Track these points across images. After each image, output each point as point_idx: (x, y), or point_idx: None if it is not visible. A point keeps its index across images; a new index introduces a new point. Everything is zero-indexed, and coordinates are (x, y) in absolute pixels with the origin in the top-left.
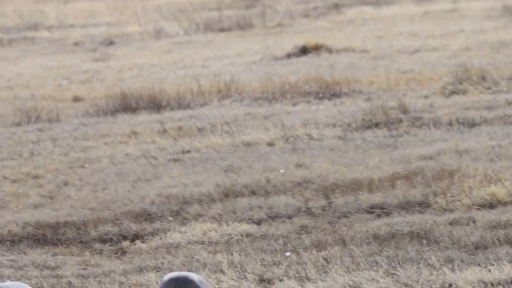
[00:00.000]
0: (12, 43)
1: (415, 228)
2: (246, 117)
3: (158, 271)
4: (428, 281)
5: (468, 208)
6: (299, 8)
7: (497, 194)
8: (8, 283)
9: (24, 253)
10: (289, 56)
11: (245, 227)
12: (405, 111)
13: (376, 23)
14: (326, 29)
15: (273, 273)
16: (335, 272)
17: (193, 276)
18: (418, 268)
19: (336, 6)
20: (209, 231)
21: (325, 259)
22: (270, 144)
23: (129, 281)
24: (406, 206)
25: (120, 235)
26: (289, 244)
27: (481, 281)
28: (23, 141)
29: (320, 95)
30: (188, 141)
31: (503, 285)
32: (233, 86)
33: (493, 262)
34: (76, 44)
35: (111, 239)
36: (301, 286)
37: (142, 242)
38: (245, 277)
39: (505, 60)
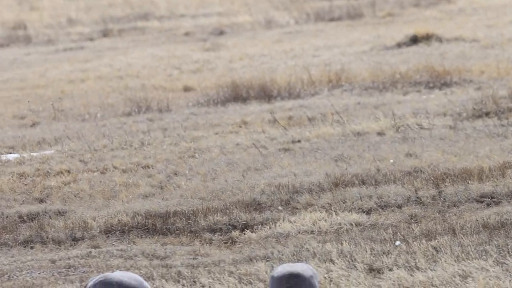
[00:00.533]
0: (122, 33)
1: None
2: (356, 107)
3: (267, 261)
4: None
5: None
6: None
7: None
8: (117, 272)
9: (134, 242)
10: (399, 45)
11: (355, 216)
12: None
13: (486, 12)
14: (436, 19)
15: (382, 263)
16: (445, 261)
17: (305, 271)
18: None
19: None
20: (319, 220)
21: (435, 248)
22: (380, 133)
23: (239, 271)
24: None
25: (229, 224)
26: (398, 234)
27: None
28: (134, 131)
29: (431, 85)
30: (298, 130)
31: None
32: (343, 75)
33: None
34: (186, 34)
35: (220, 228)
36: (411, 275)
37: (252, 232)
38: (355, 267)
39: None
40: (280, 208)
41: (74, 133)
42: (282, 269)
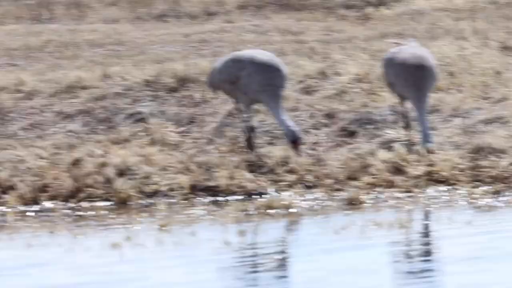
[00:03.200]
0: None
1: None
2: None
3: (400, 38)
4: None
5: None
6: None
7: None
8: (247, 50)
9: (268, 18)
10: None
11: None
12: None
13: None
14: None
15: None
16: None
17: (430, 60)
18: None
19: None
20: None
21: None
22: None
23: (371, 47)
24: None
25: (365, 1)
26: None
27: None
28: None
29: None
30: None
31: None
32: None
33: None
34: None
35: (355, 5)
36: None
37: (387, 9)
38: (487, 44)
39: None
40: None
41: None
42: (404, 53)
